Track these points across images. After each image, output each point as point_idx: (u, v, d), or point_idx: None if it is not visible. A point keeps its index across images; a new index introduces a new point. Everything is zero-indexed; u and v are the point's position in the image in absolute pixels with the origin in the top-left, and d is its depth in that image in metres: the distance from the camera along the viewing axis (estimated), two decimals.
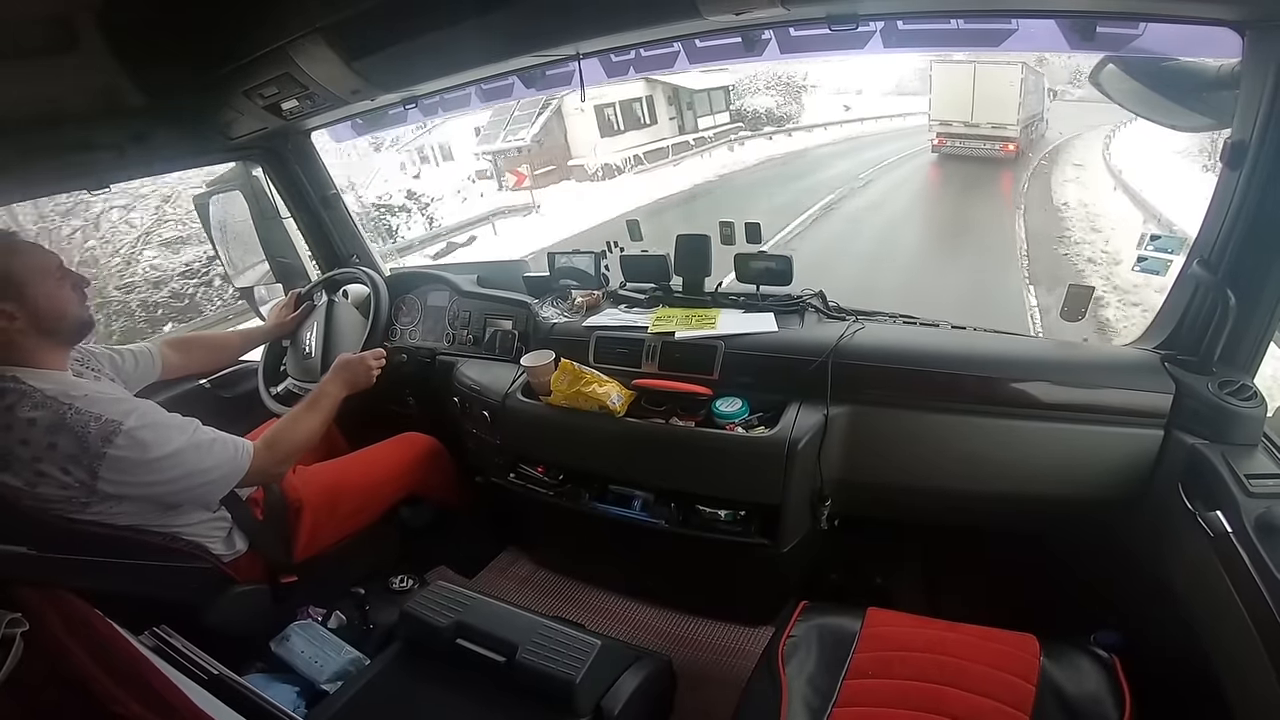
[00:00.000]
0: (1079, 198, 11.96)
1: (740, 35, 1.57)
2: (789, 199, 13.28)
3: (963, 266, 8.50)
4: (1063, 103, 19.51)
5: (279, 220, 2.36)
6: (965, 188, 13.84)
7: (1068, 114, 18.48)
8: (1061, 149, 17.32)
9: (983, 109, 14.65)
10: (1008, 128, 14.68)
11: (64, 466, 1.20)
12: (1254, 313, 1.30)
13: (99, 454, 1.20)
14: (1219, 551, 1.13)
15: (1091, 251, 9.06)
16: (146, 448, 1.24)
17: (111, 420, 1.22)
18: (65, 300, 1.32)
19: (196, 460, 1.31)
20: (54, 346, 1.32)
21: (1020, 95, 14.49)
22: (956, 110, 15.03)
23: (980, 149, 14.94)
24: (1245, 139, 1.21)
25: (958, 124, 15.15)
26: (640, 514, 1.73)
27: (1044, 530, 1.70)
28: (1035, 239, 9.63)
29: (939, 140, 15.57)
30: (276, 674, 1.57)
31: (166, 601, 1.39)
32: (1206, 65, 1.32)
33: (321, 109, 1.79)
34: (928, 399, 1.55)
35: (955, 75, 14.66)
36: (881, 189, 14.25)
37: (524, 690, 1.22)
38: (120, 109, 1.60)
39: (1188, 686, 1.22)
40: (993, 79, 14.25)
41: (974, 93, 14.48)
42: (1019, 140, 14.94)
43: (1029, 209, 11.41)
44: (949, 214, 12.14)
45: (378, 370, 1.79)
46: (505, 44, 1.50)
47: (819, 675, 1.17)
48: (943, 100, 15.20)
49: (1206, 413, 1.30)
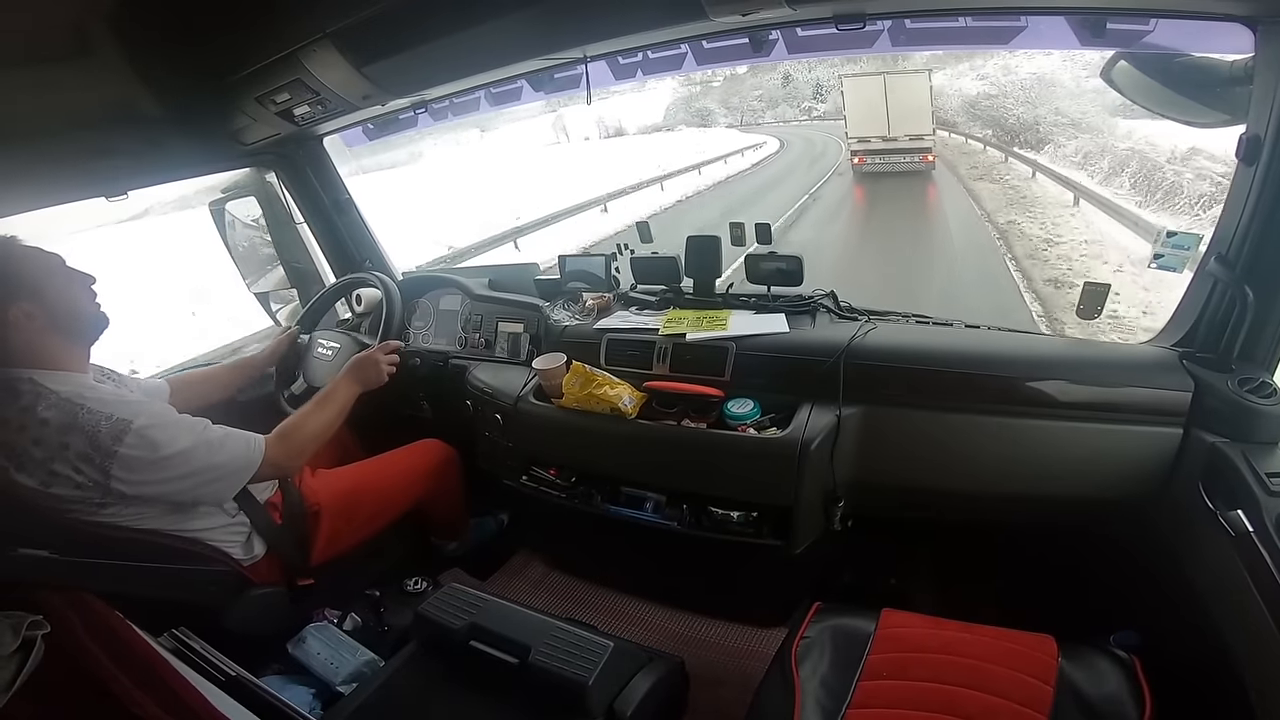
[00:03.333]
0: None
1: (748, 36, 1.57)
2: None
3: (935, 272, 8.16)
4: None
5: (293, 226, 2.38)
6: (897, 202, 12.59)
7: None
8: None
9: (898, 121, 13.93)
10: (925, 137, 14.13)
11: (76, 466, 1.22)
12: (1273, 309, 1.29)
13: (110, 453, 1.21)
14: (1240, 551, 1.12)
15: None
16: (157, 446, 1.25)
17: (122, 420, 1.24)
18: (77, 297, 1.34)
19: (208, 457, 1.32)
20: (73, 347, 1.33)
21: (932, 102, 14.05)
22: (872, 125, 14.19)
23: (901, 163, 14.22)
24: (1260, 134, 1.20)
25: (876, 139, 14.28)
26: (652, 516, 1.73)
27: (1061, 530, 1.68)
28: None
29: (859, 159, 14.59)
30: (292, 675, 1.58)
31: (185, 604, 1.40)
32: (1219, 61, 1.31)
33: (333, 114, 1.81)
34: (941, 399, 1.54)
35: (866, 89, 13.95)
36: (813, 223, 11.62)
37: (537, 691, 1.22)
38: (135, 116, 1.63)
39: (1209, 687, 1.20)
40: (904, 88, 13.71)
41: (887, 105, 13.78)
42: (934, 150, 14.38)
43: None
44: (898, 233, 10.44)
45: (390, 367, 1.79)
46: (514, 47, 1.52)
47: (833, 676, 1.16)
48: (857, 116, 14.31)
49: (1226, 410, 1.29)
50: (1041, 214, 10.46)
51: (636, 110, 33.01)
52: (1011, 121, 17.55)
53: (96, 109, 1.57)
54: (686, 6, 1.25)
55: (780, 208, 12.45)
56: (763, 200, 14.19)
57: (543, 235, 10.99)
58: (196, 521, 1.41)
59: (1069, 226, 9.56)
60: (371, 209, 2.47)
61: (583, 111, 30.10)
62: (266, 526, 1.54)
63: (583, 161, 20.51)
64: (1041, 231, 9.40)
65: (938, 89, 15.60)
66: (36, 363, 1.27)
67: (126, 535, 1.31)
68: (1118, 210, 9.42)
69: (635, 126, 32.54)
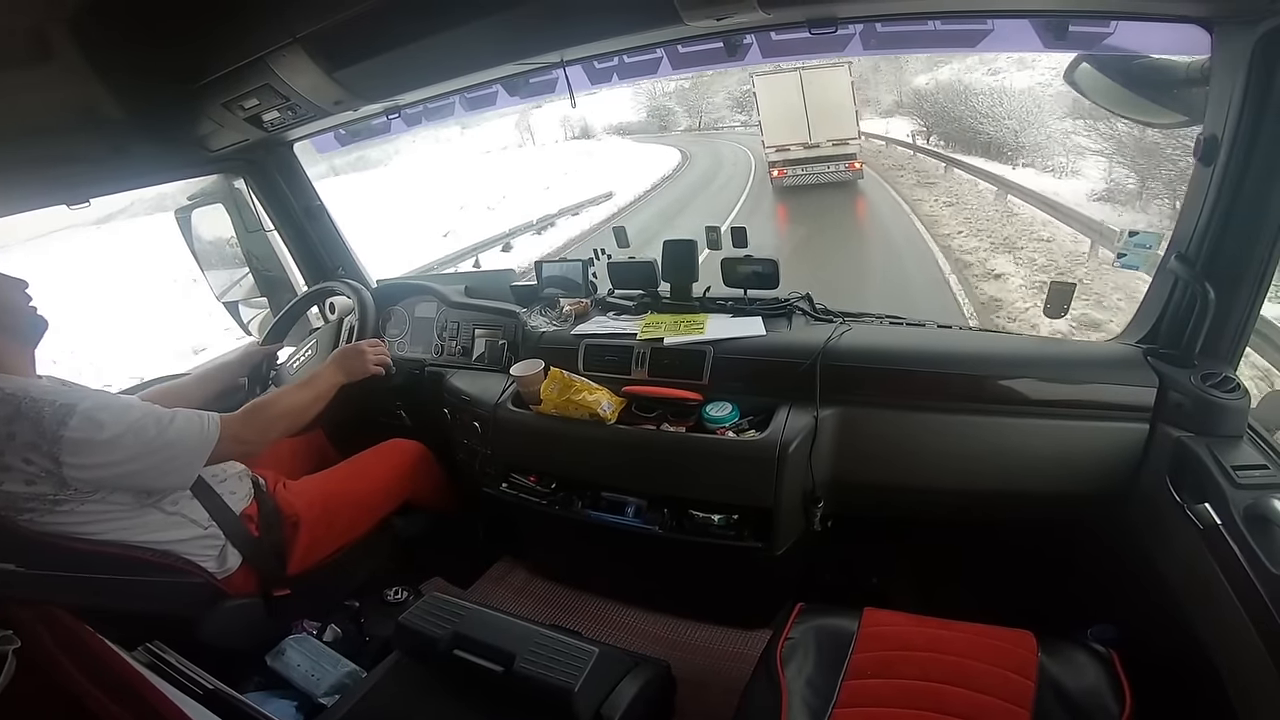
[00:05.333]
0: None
1: (722, 40, 1.58)
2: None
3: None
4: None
5: (262, 233, 2.33)
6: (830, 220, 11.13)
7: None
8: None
9: (820, 125, 12.25)
10: (850, 143, 12.44)
11: (25, 457, 1.19)
12: (1233, 305, 1.32)
13: (56, 438, 1.18)
14: (1209, 543, 1.15)
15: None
16: (102, 426, 1.23)
17: (66, 404, 1.21)
18: (13, 299, 1.33)
19: (158, 433, 1.29)
20: (16, 347, 1.32)
21: (855, 101, 12.43)
22: (791, 131, 12.45)
23: (826, 173, 12.53)
24: (1217, 134, 1.24)
25: (796, 147, 12.54)
26: (633, 520, 1.73)
27: (1036, 526, 1.71)
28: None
29: (778, 171, 12.83)
30: (274, 689, 1.54)
31: (159, 616, 1.37)
32: (1177, 62, 1.35)
33: (304, 120, 1.78)
34: (916, 398, 1.56)
35: (782, 89, 12.27)
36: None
37: (522, 700, 1.21)
38: (98, 121, 1.58)
39: (1186, 678, 1.23)
40: (823, 86, 12.07)
41: (806, 107, 12.19)
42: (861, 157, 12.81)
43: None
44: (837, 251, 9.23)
45: (375, 361, 1.78)
46: (489, 52, 1.51)
47: (818, 677, 1.17)
48: (774, 120, 12.58)
49: (1190, 406, 1.32)
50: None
51: (611, 110, 32.51)
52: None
53: (57, 114, 1.52)
54: (661, 10, 1.25)
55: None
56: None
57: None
58: (169, 533, 1.38)
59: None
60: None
61: (549, 113, 29.69)
62: (243, 539, 1.50)
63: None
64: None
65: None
66: None
67: (94, 548, 1.28)
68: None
69: (602, 126, 32.03)
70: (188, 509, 1.42)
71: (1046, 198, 9.85)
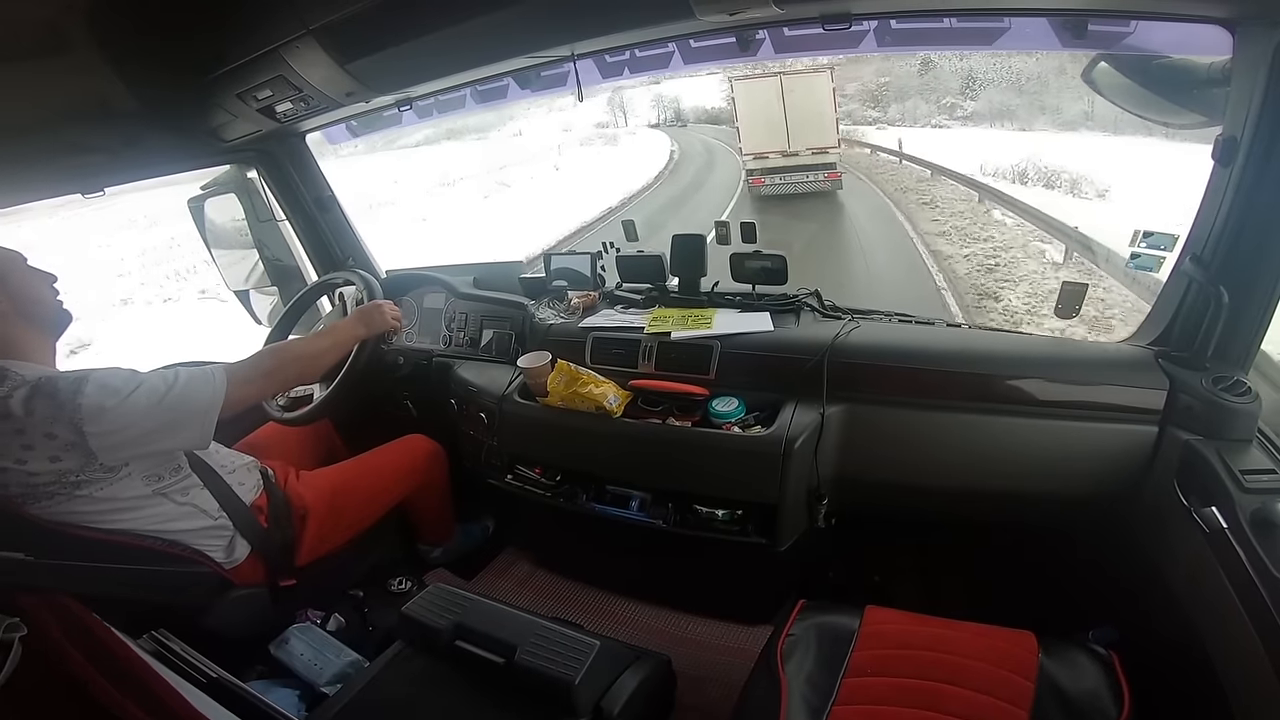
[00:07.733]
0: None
1: (735, 35, 1.57)
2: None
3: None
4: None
5: (274, 223, 2.35)
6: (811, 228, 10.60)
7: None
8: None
9: (799, 133, 11.79)
10: (830, 151, 11.98)
11: (48, 431, 1.20)
12: (1247, 309, 1.31)
13: (75, 405, 1.20)
14: (1215, 547, 1.14)
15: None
16: (115, 390, 1.24)
17: (78, 376, 1.24)
18: (40, 289, 1.36)
19: (168, 389, 1.30)
20: (40, 337, 1.35)
21: (836, 109, 11.95)
22: (770, 138, 11.99)
23: (804, 182, 12.02)
24: (1236, 136, 1.22)
25: (774, 155, 12.07)
26: (638, 514, 1.73)
27: (1040, 527, 1.70)
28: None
29: (755, 180, 12.32)
30: (276, 678, 1.56)
31: (165, 605, 1.38)
32: (1197, 63, 1.33)
33: (316, 111, 1.79)
34: (923, 396, 1.56)
35: (761, 94, 11.81)
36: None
37: (523, 691, 1.22)
38: (112, 112, 1.59)
39: (1186, 682, 1.22)
40: (803, 92, 11.62)
41: (786, 113, 11.76)
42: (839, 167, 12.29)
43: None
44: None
45: (395, 320, 1.83)
46: (500, 45, 1.51)
47: (818, 673, 1.17)
48: (752, 127, 12.14)
49: (1200, 409, 1.31)
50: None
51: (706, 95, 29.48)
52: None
53: (72, 106, 1.54)
54: (674, 5, 1.25)
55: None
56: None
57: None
58: (179, 523, 1.39)
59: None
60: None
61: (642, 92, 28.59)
62: (252, 530, 1.52)
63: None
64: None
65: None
66: (6, 353, 1.27)
67: (104, 537, 1.29)
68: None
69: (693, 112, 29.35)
70: (198, 499, 1.43)
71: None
